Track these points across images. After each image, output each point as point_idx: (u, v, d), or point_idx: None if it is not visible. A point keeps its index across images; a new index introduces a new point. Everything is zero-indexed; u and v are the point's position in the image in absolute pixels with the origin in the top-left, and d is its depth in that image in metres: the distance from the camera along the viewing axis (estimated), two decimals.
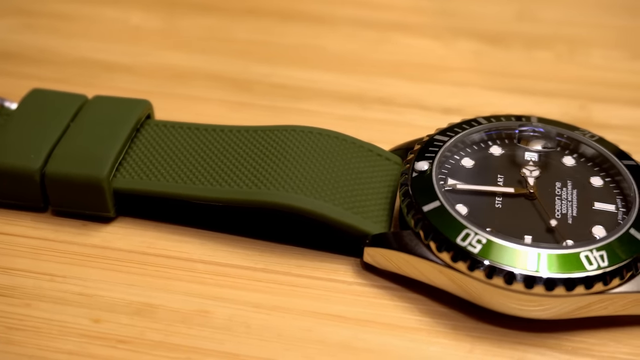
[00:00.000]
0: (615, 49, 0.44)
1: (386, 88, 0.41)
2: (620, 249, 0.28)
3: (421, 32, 0.45)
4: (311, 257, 0.31)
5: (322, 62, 0.42)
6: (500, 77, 0.42)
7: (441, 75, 0.42)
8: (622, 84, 0.41)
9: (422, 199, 0.29)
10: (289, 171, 0.31)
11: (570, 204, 0.30)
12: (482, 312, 0.29)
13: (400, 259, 0.30)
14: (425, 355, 0.28)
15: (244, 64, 0.41)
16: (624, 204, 0.30)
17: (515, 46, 0.44)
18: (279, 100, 0.39)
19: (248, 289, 0.30)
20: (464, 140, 0.33)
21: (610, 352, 0.28)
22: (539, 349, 0.28)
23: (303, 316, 0.29)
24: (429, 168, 0.31)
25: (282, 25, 0.44)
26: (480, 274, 0.27)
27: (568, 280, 0.27)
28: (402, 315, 0.29)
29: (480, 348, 0.28)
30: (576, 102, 0.40)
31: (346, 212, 0.30)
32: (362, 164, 0.32)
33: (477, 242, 0.28)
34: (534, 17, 0.46)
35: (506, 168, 0.32)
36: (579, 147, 0.33)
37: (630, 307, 0.29)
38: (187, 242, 0.31)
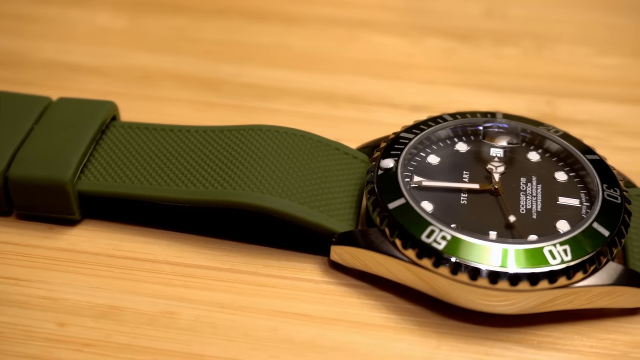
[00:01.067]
0: (581, 45, 0.44)
1: (355, 86, 0.41)
2: (583, 243, 0.28)
3: (389, 30, 0.45)
4: (278, 256, 0.31)
5: (290, 61, 0.42)
6: (468, 74, 0.42)
7: (409, 73, 0.42)
8: (588, 80, 0.42)
9: (388, 196, 0.30)
10: (255, 171, 0.31)
11: (534, 199, 0.30)
12: (448, 309, 0.29)
13: (366, 257, 0.30)
14: (391, 352, 0.28)
15: (211, 64, 0.41)
16: (588, 198, 0.30)
17: (483, 43, 0.44)
18: (248, 100, 0.39)
19: (214, 289, 0.30)
20: (429, 138, 0.33)
21: (575, 346, 0.28)
22: (504, 343, 0.28)
23: (270, 316, 0.29)
24: (394, 165, 0.31)
25: (250, 25, 0.44)
26: (445, 270, 0.28)
27: (532, 275, 0.27)
28: (369, 313, 0.29)
29: (447, 344, 0.28)
30: (543, 98, 0.40)
31: (312, 210, 0.30)
32: (328, 163, 0.32)
33: (442, 238, 0.28)
34: (501, 14, 0.47)
35: (472, 164, 0.32)
36: (543, 143, 0.33)
37: (595, 300, 0.29)
38: (153, 243, 0.31)
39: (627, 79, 0.42)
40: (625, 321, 0.29)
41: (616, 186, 0.30)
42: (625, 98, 0.40)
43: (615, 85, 0.41)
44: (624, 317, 0.29)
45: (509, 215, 0.29)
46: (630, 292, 0.29)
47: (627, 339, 0.28)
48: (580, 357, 0.28)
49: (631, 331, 0.29)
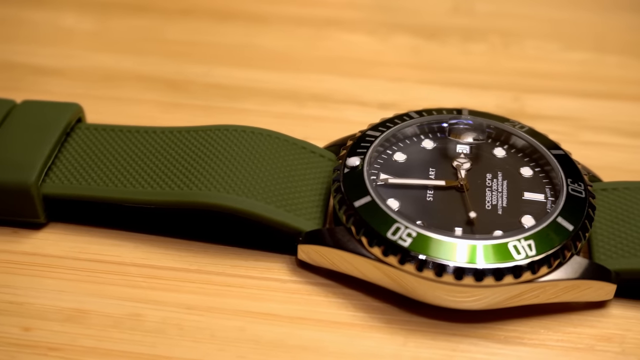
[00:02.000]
0: (548, 40, 0.45)
1: (322, 84, 0.41)
2: (547, 238, 0.28)
3: (357, 27, 0.45)
4: (245, 256, 0.31)
5: (257, 61, 0.42)
6: (436, 71, 0.42)
7: (377, 71, 0.42)
8: (555, 75, 0.42)
9: (354, 194, 0.30)
10: (222, 171, 0.31)
11: (500, 195, 0.30)
12: (415, 306, 0.29)
13: (334, 255, 0.30)
14: (358, 350, 0.28)
15: (178, 64, 0.41)
16: (553, 193, 0.31)
17: (450, 40, 0.44)
18: (215, 100, 0.39)
19: (181, 290, 0.29)
20: (396, 135, 0.33)
21: (541, 340, 0.28)
22: (471, 339, 0.28)
23: (237, 316, 0.29)
24: (360, 163, 0.31)
25: (217, 25, 0.44)
26: (410, 267, 0.28)
27: (496, 270, 0.27)
28: (336, 311, 0.29)
29: (414, 341, 0.28)
30: (510, 94, 0.40)
31: (279, 210, 0.30)
32: (295, 162, 0.32)
33: (407, 235, 0.28)
34: (468, 11, 0.47)
35: (438, 161, 0.32)
36: (509, 139, 0.33)
37: (561, 294, 0.29)
38: (120, 245, 0.31)
39: (592, 73, 0.42)
40: (591, 315, 0.29)
41: (580, 181, 0.30)
42: (591, 93, 0.41)
43: (581, 80, 0.41)
44: (589, 311, 0.29)
45: (469, 212, 0.29)
46: (596, 285, 0.29)
47: (593, 332, 0.29)
48: (546, 351, 0.28)
49: (597, 324, 0.29)
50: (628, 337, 0.28)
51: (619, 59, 0.43)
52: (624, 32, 0.45)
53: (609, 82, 0.41)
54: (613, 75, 0.42)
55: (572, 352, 0.28)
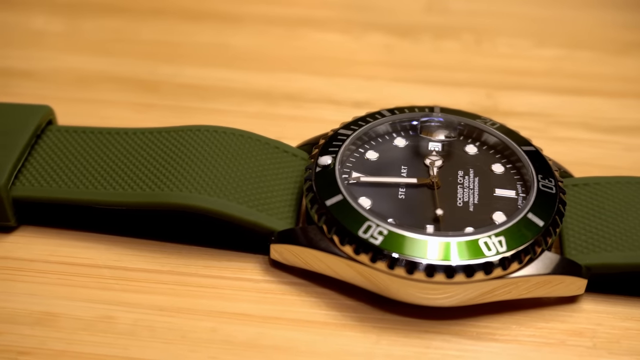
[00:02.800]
0: (520, 37, 0.45)
1: (295, 84, 0.41)
2: (518, 234, 0.28)
3: (330, 26, 0.45)
4: (218, 257, 0.31)
5: (230, 61, 0.42)
6: (410, 69, 0.42)
7: (351, 69, 0.42)
8: (527, 71, 0.42)
9: (325, 193, 0.30)
10: (193, 171, 0.31)
11: (471, 192, 0.31)
12: (388, 304, 0.29)
13: (306, 254, 0.30)
14: (331, 348, 0.28)
15: (150, 65, 0.41)
16: (524, 189, 0.31)
17: (424, 38, 0.45)
18: (187, 101, 0.39)
19: (154, 292, 0.29)
20: (368, 133, 0.33)
21: (513, 336, 0.29)
22: (444, 336, 0.28)
23: (209, 316, 0.29)
24: (332, 162, 0.31)
25: (188, 25, 0.44)
26: (382, 265, 0.28)
27: (467, 267, 0.27)
28: (309, 310, 0.29)
29: (387, 339, 0.28)
30: (483, 91, 0.41)
31: (251, 209, 0.30)
32: (268, 161, 0.32)
33: (378, 233, 0.28)
34: (442, 9, 0.47)
35: (410, 159, 0.32)
36: (480, 136, 0.33)
37: (533, 290, 0.29)
38: (92, 247, 0.31)
39: (564, 70, 0.42)
40: (562, 310, 0.29)
41: (551, 177, 0.31)
42: (563, 89, 0.41)
43: (553, 76, 0.42)
44: (561, 306, 0.30)
45: (436, 209, 0.29)
46: (567, 280, 0.29)
47: (564, 327, 0.29)
48: (518, 346, 0.28)
49: (568, 319, 0.29)
50: (599, 331, 0.29)
51: (591, 55, 0.44)
52: (595, 28, 0.46)
53: (581, 78, 0.42)
54: (585, 71, 0.42)
55: (543, 347, 0.28)
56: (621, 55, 0.44)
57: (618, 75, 0.42)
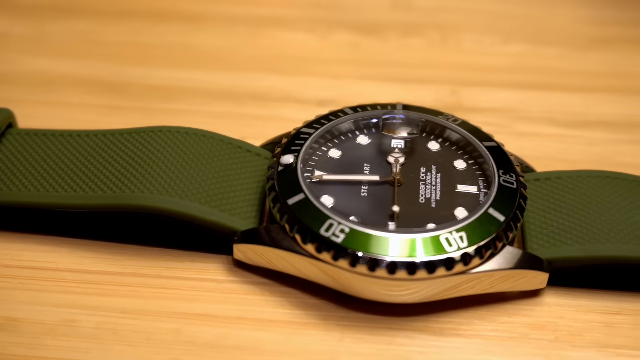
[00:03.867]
0: (486, 34, 0.45)
1: (261, 83, 0.40)
2: (479, 229, 0.28)
3: (295, 25, 0.45)
4: (182, 258, 0.31)
5: (195, 61, 0.42)
6: (375, 67, 0.42)
7: (316, 68, 0.42)
8: (492, 68, 0.42)
9: (287, 192, 0.30)
10: (155, 173, 0.31)
11: (434, 188, 0.31)
12: (352, 302, 0.29)
13: (270, 254, 0.30)
14: (295, 347, 0.28)
15: (116, 67, 0.41)
16: (486, 185, 0.31)
17: (389, 36, 0.45)
18: (153, 102, 0.39)
19: (116, 295, 0.29)
20: (331, 132, 0.33)
21: (477, 331, 0.29)
22: (407, 332, 0.29)
23: (172, 318, 0.29)
24: (294, 161, 0.31)
25: (154, 26, 0.44)
26: (344, 263, 0.28)
27: (429, 263, 0.27)
28: (273, 309, 0.29)
29: (351, 336, 0.28)
30: (448, 88, 0.41)
31: (213, 210, 0.30)
32: (231, 161, 0.32)
33: (340, 232, 0.28)
34: (408, 6, 0.47)
35: (373, 157, 0.32)
36: (443, 132, 0.33)
37: (497, 285, 0.29)
38: (54, 251, 0.31)
39: (528, 65, 0.42)
40: (525, 304, 0.30)
41: (512, 172, 0.31)
42: (527, 84, 0.41)
43: (518, 72, 0.42)
44: (524, 300, 0.30)
45: (392, 206, 0.29)
46: (530, 275, 0.29)
47: (527, 321, 0.29)
48: (481, 341, 0.28)
49: (530, 313, 0.29)
50: (561, 324, 0.29)
51: (556, 51, 0.44)
52: (561, 24, 0.46)
53: (545, 74, 0.42)
54: (550, 66, 0.43)
55: (506, 342, 0.28)
56: (586, 51, 0.44)
57: (583, 70, 0.42)
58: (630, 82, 0.41)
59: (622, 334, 0.28)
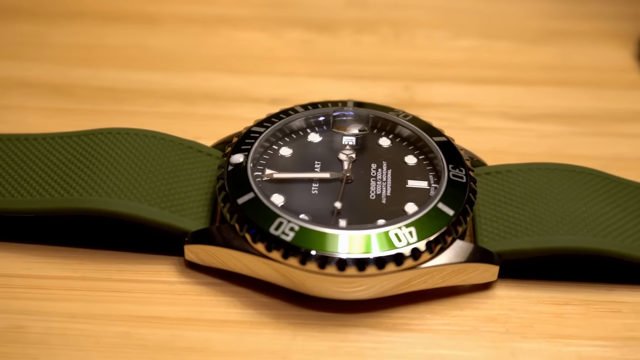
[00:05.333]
0: (438, 29, 0.45)
1: (213, 83, 0.40)
2: (428, 224, 0.28)
3: (248, 24, 0.45)
4: (133, 260, 0.30)
5: (146, 62, 0.41)
6: (329, 64, 0.42)
7: (269, 67, 0.42)
8: (445, 63, 0.43)
9: (237, 191, 0.29)
10: (104, 175, 0.30)
11: (384, 184, 0.31)
12: (305, 300, 0.29)
13: (222, 254, 0.29)
14: (247, 347, 0.28)
15: (63, 69, 0.40)
16: (436, 179, 0.31)
17: (343, 33, 0.45)
18: (103, 104, 0.38)
19: (66, 299, 0.29)
20: (282, 130, 0.33)
21: (428, 325, 0.29)
22: (360, 328, 0.29)
23: (123, 321, 0.28)
24: (244, 160, 0.31)
25: (104, 27, 0.43)
26: (294, 261, 0.28)
27: (378, 259, 0.27)
28: (225, 309, 0.29)
29: (303, 334, 0.28)
30: (401, 84, 0.41)
31: (163, 211, 0.30)
32: (181, 162, 0.32)
33: (290, 230, 0.28)
34: (361, 3, 0.47)
35: (324, 154, 0.32)
36: (393, 128, 0.33)
37: (448, 278, 0.29)
38: (2, 257, 0.30)
39: (480, 60, 0.43)
40: (476, 297, 0.30)
41: (462, 166, 0.31)
42: (480, 79, 0.41)
43: (470, 67, 0.42)
44: (475, 293, 0.30)
45: (335, 202, 0.29)
46: (481, 268, 0.29)
47: (478, 314, 0.29)
48: (433, 335, 0.28)
49: (482, 306, 0.29)
50: (512, 316, 0.29)
51: (508, 45, 0.44)
52: (512, 18, 0.46)
53: (498, 68, 0.42)
54: (502, 60, 0.43)
55: (458, 335, 0.28)
56: (537, 44, 0.44)
57: (534, 64, 0.43)
58: (580, 74, 0.42)
59: (571, 324, 0.29)
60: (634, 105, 0.40)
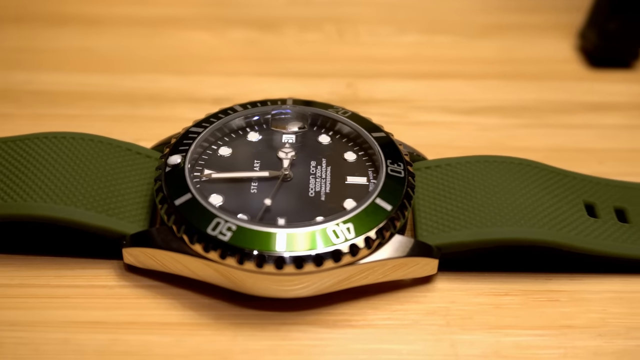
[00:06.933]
0: (381, 25, 0.45)
1: (157, 84, 0.40)
2: (366, 220, 0.29)
3: (192, 24, 0.44)
4: (71, 265, 0.30)
5: (90, 65, 0.41)
6: (272, 62, 0.42)
7: (212, 67, 0.42)
8: (388, 59, 0.43)
9: (174, 193, 0.29)
10: (40, 180, 0.30)
11: (324, 181, 0.31)
12: (246, 299, 0.29)
13: (162, 256, 0.29)
14: (187, 349, 0.28)
15: (4, 73, 0.40)
16: (375, 175, 0.31)
17: (287, 31, 0.45)
18: (44, 108, 0.38)
19: (3, 307, 0.29)
20: (221, 129, 0.33)
21: (369, 320, 0.29)
22: (300, 326, 0.29)
23: (61, 327, 0.28)
24: (181, 161, 0.30)
25: (48, 31, 0.43)
26: (232, 261, 0.28)
27: (316, 256, 0.27)
28: (165, 312, 0.29)
29: (243, 334, 0.28)
30: (344, 81, 0.41)
31: (99, 215, 0.29)
32: (120, 164, 0.32)
33: (227, 229, 0.28)
34: (305, 1, 0.47)
35: (263, 153, 0.32)
36: (333, 125, 0.33)
37: (390, 273, 0.29)
38: None
39: (424, 55, 0.43)
40: (417, 290, 0.30)
41: (400, 161, 0.31)
42: (422, 74, 0.41)
43: (413, 62, 0.42)
44: (416, 287, 0.30)
45: (264, 199, 0.29)
46: (422, 262, 0.30)
47: (419, 308, 0.29)
48: (374, 330, 0.29)
49: (422, 299, 0.30)
50: (452, 309, 0.29)
51: (450, 40, 0.44)
52: (455, 13, 0.47)
53: (439, 63, 0.43)
54: (444, 55, 0.43)
55: (398, 329, 0.29)
56: (479, 39, 0.45)
57: (476, 57, 0.43)
58: (520, 67, 0.42)
59: (510, 314, 0.29)
60: (574, 96, 0.40)
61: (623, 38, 0.41)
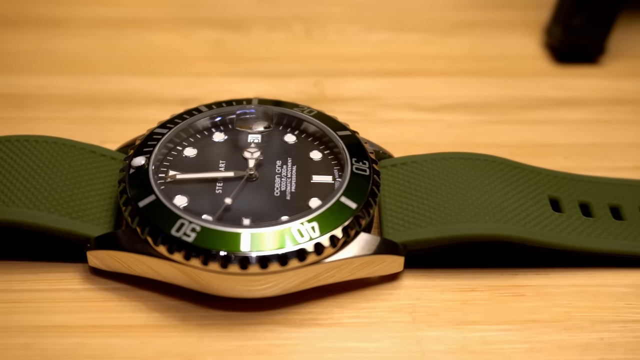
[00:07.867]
0: (350, 24, 0.45)
1: (122, 86, 0.40)
2: (331, 218, 0.29)
3: (158, 25, 0.44)
4: (35, 269, 0.30)
5: (52, 67, 0.41)
6: (240, 62, 0.42)
7: (179, 67, 0.41)
8: (356, 57, 0.43)
9: (138, 194, 0.29)
10: (2, 184, 0.30)
11: (289, 181, 0.31)
12: (213, 300, 0.29)
13: (127, 258, 0.29)
14: (152, 351, 0.27)
15: None
16: (341, 174, 0.31)
17: (254, 31, 0.45)
18: (6, 111, 0.38)
19: None
20: (186, 130, 0.32)
21: (336, 319, 0.29)
22: (267, 326, 0.28)
23: (24, 332, 0.28)
24: (145, 162, 0.30)
25: (7, 33, 0.42)
26: (196, 262, 0.27)
27: (281, 255, 0.27)
28: (130, 314, 0.29)
29: (210, 335, 0.28)
30: (311, 80, 0.41)
31: (63, 218, 0.29)
32: (83, 167, 0.31)
33: (191, 231, 0.28)
34: (273, 0, 0.47)
35: (229, 153, 0.32)
36: (299, 124, 0.33)
37: (357, 271, 0.29)
38: None
39: (392, 53, 0.43)
40: (384, 288, 0.30)
41: (365, 159, 0.31)
42: (390, 71, 0.42)
43: (381, 60, 0.42)
44: (383, 285, 0.30)
45: (224, 199, 0.29)
46: (388, 259, 0.30)
47: (385, 305, 0.29)
48: (341, 329, 0.29)
49: (389, 297, 0.30)
50: (418, 305, 0.29)
51: (418, 37, 0.45)
52: (422, 11, 0.47)
53: (407, 60, 0.43)
54: (411, 52, 0.43)
55: (365, 327, 0.29)
56: (447, 36, 0.45)
57: (444, 55, 0.43)
58: (487, 63, 0.42)
59: (476, 310, 0.29)
60: (540, 92, 0.40)
61: (588, 34, 0.42)
